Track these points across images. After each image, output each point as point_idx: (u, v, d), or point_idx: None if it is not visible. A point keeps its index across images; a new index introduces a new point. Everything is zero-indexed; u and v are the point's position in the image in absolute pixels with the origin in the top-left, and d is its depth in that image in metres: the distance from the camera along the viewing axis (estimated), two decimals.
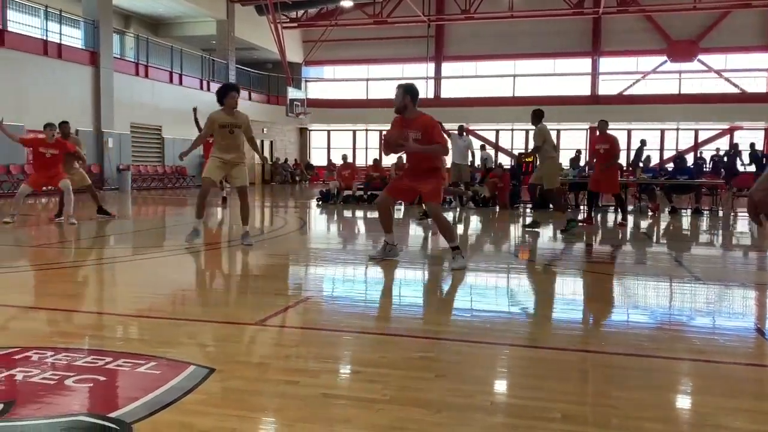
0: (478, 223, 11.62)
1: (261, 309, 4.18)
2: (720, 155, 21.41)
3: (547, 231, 9.69)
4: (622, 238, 9.39)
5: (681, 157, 16.48)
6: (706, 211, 13.45)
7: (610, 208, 14.09)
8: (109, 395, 2.60)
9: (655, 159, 23.44)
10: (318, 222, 11.89)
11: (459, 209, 13.82)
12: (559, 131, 30.55)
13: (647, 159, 15.73)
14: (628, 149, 29.92)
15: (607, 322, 4.20)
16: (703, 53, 28.84)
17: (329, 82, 34.46)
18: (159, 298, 4.70)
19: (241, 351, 3.36)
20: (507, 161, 26.65)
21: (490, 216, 12.79)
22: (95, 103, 20.62)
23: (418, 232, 9.49)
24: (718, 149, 24.71)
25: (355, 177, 16.52)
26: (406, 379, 2.80)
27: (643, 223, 11.71)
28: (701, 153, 26.33)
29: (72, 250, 7.54)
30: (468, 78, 31.90)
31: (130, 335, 3.65)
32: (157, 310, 4.24)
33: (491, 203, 14.49)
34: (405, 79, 6.20)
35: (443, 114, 19.02)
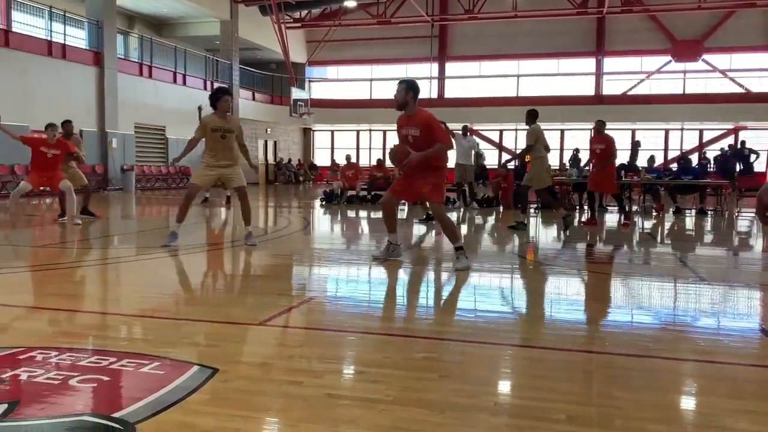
0: (482, 223, 11.61)
1: (264, 309, 4.18)
2: (722, 154, 21.41)
3: (551, 231, 9.68)
4: (625, 238, 9.37)
5: (685, 157, 16.46)
6: (710, 212, 13.41)
7: (613, 209, 14.07)
8: (113, 395, 2.61)
9: (659, 159, 23.36)
10: (321, 222, 11.90)
11: (463, 209, 13.81)
12: (563, 131, 30.55)
13: (651, 159, 15.67)
14: (634, 151, 29.92)
15: (611, 322, 4.19)
16: (708, 53, 28.77)
17: (333, 83, 34.47)
18: (163, 299, 4.71)
19: (244, 351, 3.36)
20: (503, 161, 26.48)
21: (494, 216, 12.78)
22: (99, 104, 20.67)
23: (421, 233, 9.49)
24: (722, 149, 24.67)
25: (359, 177, 16.50)
26: (409, 380, 2.79)
27: (648, 224, 11.69)
28: (705, 153, 26.26)
29: (76, 251, 7.56)
30: (471, 78, 31.88)
31: (133, 335, 3.65)
32: (161, 310, 4.24)
33: (495, 203, 14.49)
34: (417, 82, 6.15)
35: (447, 114, 18.99)
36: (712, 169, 21.15)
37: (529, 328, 3.98)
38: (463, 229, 10.23)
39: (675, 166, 17.94)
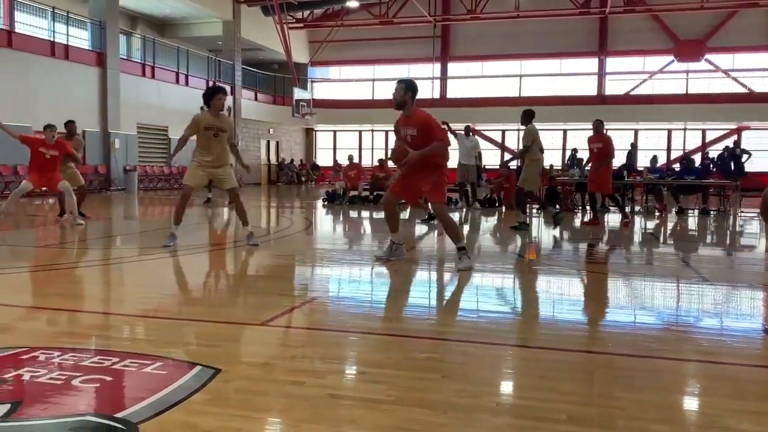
0: (484, 223, 11.60)
1: (267, 309, 4.18)
2: (721, 154, 21.45)
3: (553, 232, 9.67)
4: (627, 237, 9.36)
5: (688, 157, 16.43)
6: (713, 212, 13.39)
7: (615, 208, 14.05)
8: (116, 395, 2.61)
9: (662, 159, 23.35)
10: (324, 222, 11.90)
11: (465, 209, 13.80)
12: (565, 131, 30.53)
13: (653, 159, 15.66)
14: (630, 154, 29.85)
15: (613, 322, 4.18)
16: (711, 53, 28.72)
17: (335, 83, 34.48)
18: (165, 299, 4.72)
19: (246, 351, 3.37)
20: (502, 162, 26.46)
21: (496, 216, 12.77)
22: (102, 104, 20.70)
23: (424, 233, 9.49)
24: (727, 147, 24.61)
25: (361, 177, 16.51)
26: (411, 380, 2.79)
27: (650, 224, 11.67)
28: (708, 153, 26.20)
29: (78, 251, 7.57)
30: (474, 78, 31.87)
31: (136, 335, 3.66)
32: (163, 310, 4.25)
33: (497, 204, 14.48)
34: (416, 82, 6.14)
35: (449, 114, 18.98)
36: (714, 170, 21.12)
37: (531, 329, 3.97)
38: (466, 229, 10.22)
39: (678, 166, 17.93)
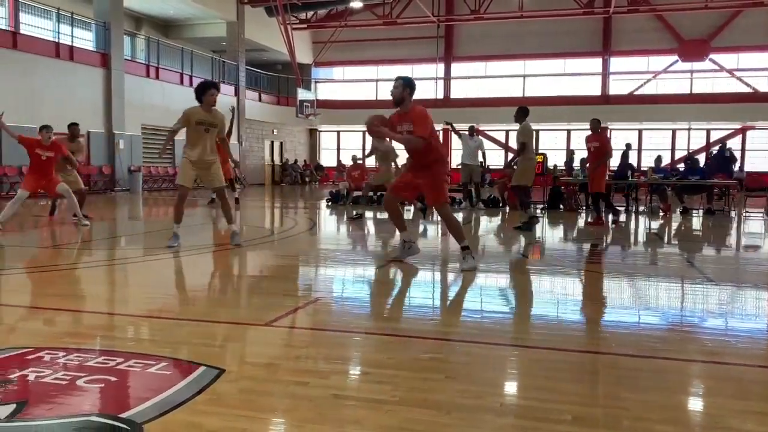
0: (488, 223, 11.59)
1: (271, 310, 4.19)
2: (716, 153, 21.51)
3: (557, 232, 9.66)
4: (631, 238, 9.34)
5: (692, 157, 16.40)
6: (717, 212, 13.35)
7: (620, 209, 14.03)
8: (120, 395, 2.62)
9: (666, 159, 23.28)
10: (328, 223, 11.91)
11: (469, 210, 13.79)
12: (569, 131, 30.49)
13: (658, 159, 15.62)
14: (640, 150, 29.80)
15: (617, 323, 4.17)
16: (715, 52, 28.66)
17: (339, 83, 34.50)
18: (169, 299, 4.73)
19: (250, 352, 3.37)
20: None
21: (500, 217, 12.76)
22: (106, 105, 20.76)
23: (427, 233, 9.48)
24: (729, 149, 24.54)
25: (365, 178, 16.49)
26: (415, 381, 2.79)
27: (654, 224, 11.65)
28: (712, 153, 26.13)
29: (83, 252, 7.59)
30: (478, 78, 31.86)
31: (140, 336, 3.67)
32: (168, 310, 4.26)
33: (501, 204, 14.46)
34: (414, 80, 6.12)
35: (453, 114, 18.96)
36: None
37: (534, 329, 3.96)
38: (470, 229, 10.22)
39: (682, 166, 17.87)
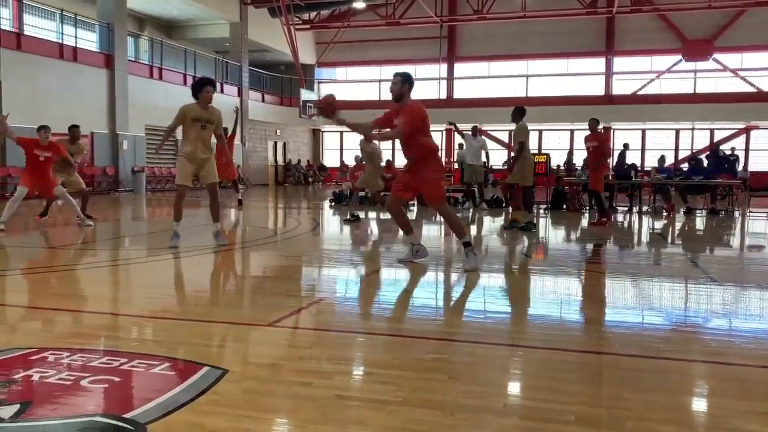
0: (492, 223, 11.58)
1: (274, 310, 4.19)
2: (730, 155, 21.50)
3: (560, 232, 9.65)
4: (634, 238, 9.33)
5: (696, 157, 16.36)
6: (721, 212, 13.32)
7: (623, 208, 14.02)
8: (124, 396, 2.62)
9: (670, 159, 23.24)
10: (331, 223, 11.91)
11: (472, 210, 13.79)
12: (572, 131, 30.44)
13: (661, 159, 15.60)
14: (643, 150, 29.76)
15: (620, 323, 4.17)
16: (719, 52, 28.58)
17: (342, 84, 34.50)
18: (173, 300, 4.74)
19: (254, 352, 3.38)
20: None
21: (503, 217, 12.75)
22: (110, 106, 20.81)
23: (430, 233, 9.48)
24: (733, 149, 24.51)
25: None
26: (418, 381, 2.80)
27: (658, 224, 11.63)
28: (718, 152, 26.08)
29: (87, 252, 7.61)
30: (481, 78, 31.82)
31: (144, 336, 3.68)
32: (171, 311, 4.27)
33: (504, 204, 14.44)
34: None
35: (456, 115, 18.95)
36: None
37: (538, 329, 3.96)
38: (473, 230, 10.21)
39: (686, 166, 17.85)
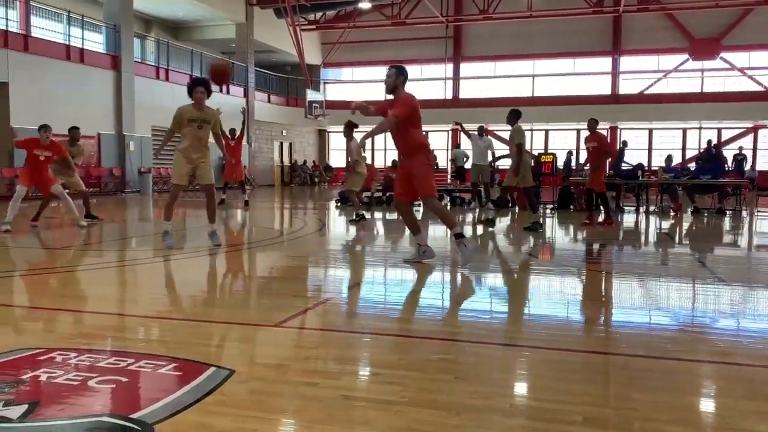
0: (498, 224, 11.55)
1: (280, 311, 4.20)
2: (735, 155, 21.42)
3: (567, 232, 9.62)
4: (641, 238, 9.29)
5: (703, 157, 16.28)
6: (729, 211, 13.26)
7: (629, 209, 13.98)
8: (131, 396, 2.63)
9: (677, 159, 23.15)
10: (337, 223, 11.91)
11: (478, 210, 13.77)
12: (578, 131, 30.34)
13: (668, 158, 15.54)
14: (650, 150, 29.65)
15: (627, 323, 4.15)
16: (726, 51, 28.47)
17: (348, 84, 34.53)
18: (179, 300, 4.75)
19: (260, 352, 3.38)
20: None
21: (509, 217, 12.72)
22: (117, 107, 20.89)
23: (434, 234, 9.46)
24: (741, 148, 24.41)
25: (374, 178, 16.50)
26: (424, 381, 2.79)
27: (665, 224, 11.59)
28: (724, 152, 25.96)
29: (93, 253, 7.64)
30: (486, 78, 31.78)
31: (151, 337, 3.69)
32: (178, 311, 4.28)
33: (510, 204, 14.42)
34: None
35: (462, 115, 18.93)
36: (730, 168, 20.98)
37: (544, 330, 3.95)
38: (479, 230, 10.20)
39: (693, 166, 17.78)
